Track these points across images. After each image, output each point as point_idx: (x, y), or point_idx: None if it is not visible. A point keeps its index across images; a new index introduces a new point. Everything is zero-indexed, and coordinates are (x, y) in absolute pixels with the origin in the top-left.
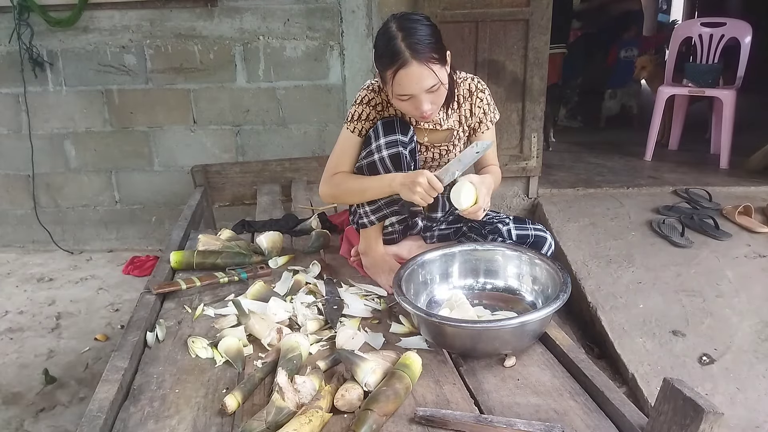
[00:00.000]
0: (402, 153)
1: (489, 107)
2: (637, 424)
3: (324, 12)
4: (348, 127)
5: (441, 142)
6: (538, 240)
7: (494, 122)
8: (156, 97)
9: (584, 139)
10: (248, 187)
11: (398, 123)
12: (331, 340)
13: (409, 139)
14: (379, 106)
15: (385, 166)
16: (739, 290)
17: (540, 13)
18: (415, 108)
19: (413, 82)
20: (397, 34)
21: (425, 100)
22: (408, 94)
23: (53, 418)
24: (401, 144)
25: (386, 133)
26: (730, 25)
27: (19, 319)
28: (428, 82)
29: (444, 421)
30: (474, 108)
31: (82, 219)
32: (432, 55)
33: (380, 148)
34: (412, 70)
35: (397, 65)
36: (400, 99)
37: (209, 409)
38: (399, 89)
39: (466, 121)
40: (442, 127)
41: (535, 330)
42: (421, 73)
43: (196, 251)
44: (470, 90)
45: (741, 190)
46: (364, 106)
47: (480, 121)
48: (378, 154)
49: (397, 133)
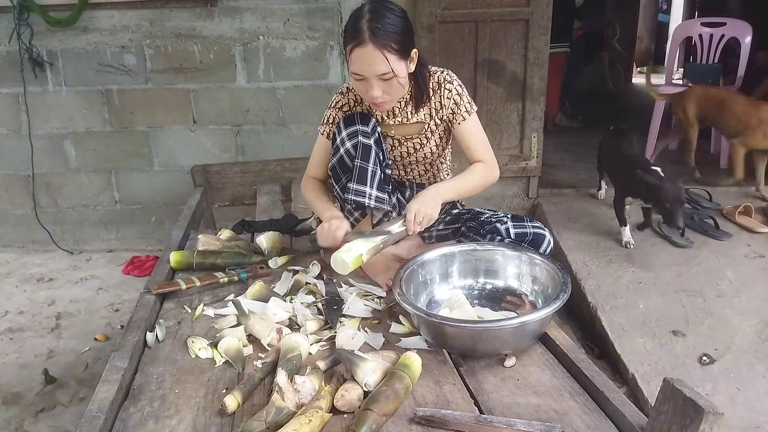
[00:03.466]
0: (362, 142)
1: (461, 98)
2: (637, 424)
3: (324, 12)
4: (319, 130)
5: (412, 135)
6: (537, 238)
7: (471, 113)
8: (156, 97)
9: (584, 139)
10: (248, 187)
11: (358, 115)
12: (331, 340)
13: (372, 129)
14: (345, 107)
15: (351, 156)
16: (739, 290)
17: (540, 13)
18: (366, 91)
19: (365, 63)
20: (364, 15)
21: (376, 85)
22: (360, 75)
23: (53, 418)
24: (362, 134)
25: (347, 125)
26: (730, 25)
27: (19, 319)
28: (380, 67)
29: (444, 422)
30: (443, 99)
31: (82, 219)
32: (391, 44)
33: (343, 141)
34: (366, 51)
35: (354, 43)
36: (354, 78)
37: (209, 409)
38: (353, 67)
39: (437, 114)
40: (410, 121)
41: (535, 330)
42: (374, 56)
43: (196, 251)
44: (439, 82)
45: (741, 190)
46: (332, 109)
47: (453, 112)
48: (342, 148)
49: (357, 123)
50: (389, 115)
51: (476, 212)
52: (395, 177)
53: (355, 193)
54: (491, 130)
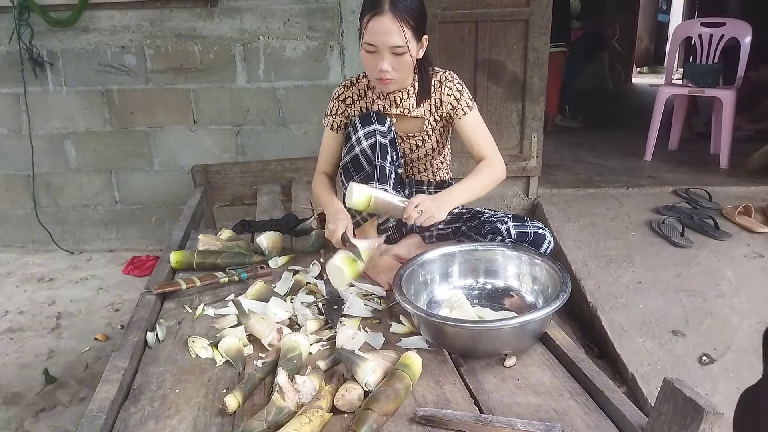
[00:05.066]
0: (380, 142)
1: (461, 94)
2: (637, 424)
3: (324, 12)
4: (324, 123)
5: (413, 132)
6: (537, 238)
7: (472, 108)
8: (156, 97)
9: (584, 139)
10: (248, 187)
11: (374, 114)
12: (331, 340)
13: (387, 128)
14: (349, 99)
15: (367, 157)
16: (739, 290)
17: (540, 13)
18: (376, 64)
19: (381, 33)
20: None
21: (387, 58)
22: (374, 45)
23: (53, 418)
24: (379, 133)
25: (363, 125)
26: (730, 25)
27: (19, 319)
28: (395, 39)
29: (444, 421)
30: (444, 97)
31: (82, 219)
32: (409, 19)
33: (360, 140)
34: (384, 21)
35: (373, 12)
36: (367, 50)
37: (209, 409)
38: (367, 37)
39: (437, 111)
40: (411, 114)
41: (535, 330)
42: (391, 27)
43: (196, 251)
44: (440, 80)
45: (741, 190)
46: (334, 101)
47: (453, 107)
48: (359, 147)
49: (374, 123)
50: (391, 104)
51: (477, 212)
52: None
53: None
54: (491, 130)
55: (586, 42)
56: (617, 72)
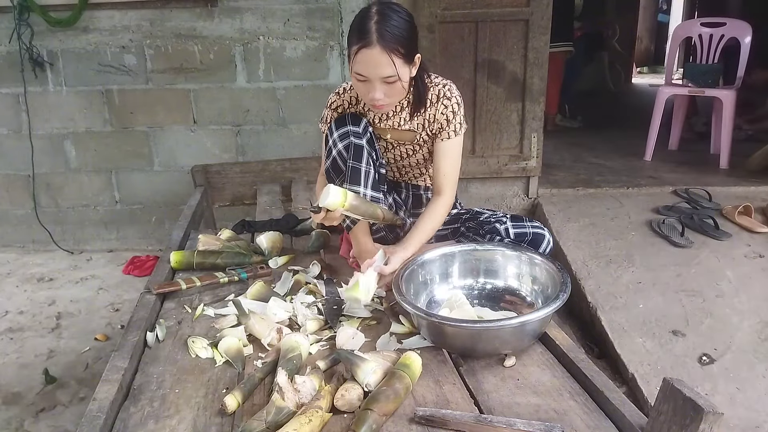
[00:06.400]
0: (354, 143)
1: (454, 116)
2: (637, 424)
3: (324, 12)
4: (320, 129)
5: (404, 141)
6: (536, 237)
7: (458, 134)
8: (156, 97)
9: (584, 139)
10: (248, 187)
11: (349, 116)
12: (331, 340)
13: (363, 129)
14: (340, 108)
15: (343, 158)
16: (739, 290)
17: (540, 13)
18: (368, 92)
19: (371, 65)
20: (372, 16)
21: (378, 88)
22: (364, 76)
23: (53, 418)
24: (353, 134)
25: (338, 127)
26: (730, 25)
27: (19, 319)
28: (386, 70)
29: (444, 421)
30: (438, 114)
31: (82, 219)
32: (398, 48)
33: (335, 143)
34: (373, 54)
35: (361, 44)
36: (357, 78)
37: (209, 409)
38: (357, 68)
39: (428, 126)
40: (402, 128)
41: (535, 330)
42: (381, 59)
43: (196, 251)
44: (438, 96)
45: (741, 190)
46: (327, 109)
47: (441, 128)
48: (335, 149)
49: (348, 124)
50: (382, 117)
51: (475, 212)
52: (390, 178)
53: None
54: (491, 130)
55: (586, 42)
56: (617, 72)
